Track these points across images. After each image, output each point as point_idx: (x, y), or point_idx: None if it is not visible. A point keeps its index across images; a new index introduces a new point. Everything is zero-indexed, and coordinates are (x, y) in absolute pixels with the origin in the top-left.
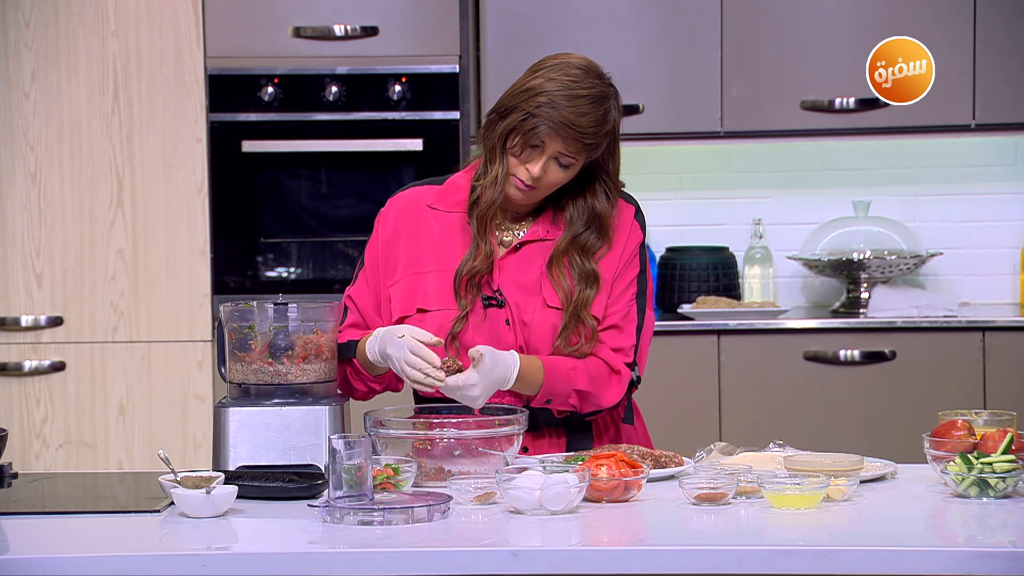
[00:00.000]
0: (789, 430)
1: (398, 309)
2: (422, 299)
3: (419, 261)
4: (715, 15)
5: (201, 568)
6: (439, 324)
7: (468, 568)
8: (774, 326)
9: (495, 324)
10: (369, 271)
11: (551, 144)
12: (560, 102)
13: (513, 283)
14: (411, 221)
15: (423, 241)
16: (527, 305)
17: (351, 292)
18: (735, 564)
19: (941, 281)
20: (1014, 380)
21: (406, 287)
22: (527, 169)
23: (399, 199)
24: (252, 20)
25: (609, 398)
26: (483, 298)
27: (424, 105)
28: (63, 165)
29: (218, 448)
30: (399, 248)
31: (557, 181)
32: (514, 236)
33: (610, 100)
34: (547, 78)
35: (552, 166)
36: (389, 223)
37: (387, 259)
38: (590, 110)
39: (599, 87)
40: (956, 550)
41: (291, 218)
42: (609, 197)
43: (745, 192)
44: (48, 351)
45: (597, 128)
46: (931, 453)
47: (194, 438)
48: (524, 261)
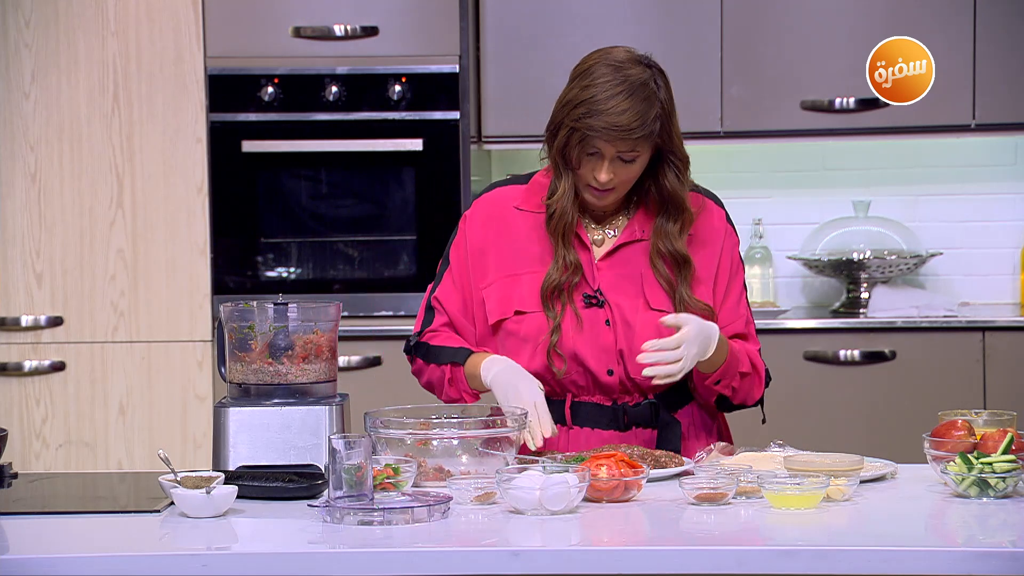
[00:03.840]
0: (789, 430)
1: (495, 312)
2: (519, 301)
3: (512, 263)
4: (715, 15)
5: (201, 568)
6: (537, 326)
7: (468, 568)
8: (774, 326)
9: (595, 325)
10: (456, 272)
11: (606, 148)
12: (598, 108)
13: (612, 284)
14: (500, 223)
15: (514, 243)
16: (628, 307)
17: (438, 294)
18: (735, 564)
19: (941, 281)
20: (1014, 380)
21: (501, 290)
22: (595, 177)
23: (485, 200)
24: (252, 20)
25: (754, 394)
26: (584, 296)
27: (424, 105)
28: (63, 165)
29: (218, 448)
30: (489, 250)
31: (631, 176)
32: (605, 236)
33: (650, 84)
34: (582, 86)
35: (618, 166)
36: (477, 225)
37: (477, 262)
38: (629, 105)
39: (634, 76)
40: (956, 550)
41: (291, 218)
42: (679, 175)
43: (745, 192)
44: (48, 351)
45: (642, 119)
46: (931, 453)
47: (194, 438)
48: (622, 262)
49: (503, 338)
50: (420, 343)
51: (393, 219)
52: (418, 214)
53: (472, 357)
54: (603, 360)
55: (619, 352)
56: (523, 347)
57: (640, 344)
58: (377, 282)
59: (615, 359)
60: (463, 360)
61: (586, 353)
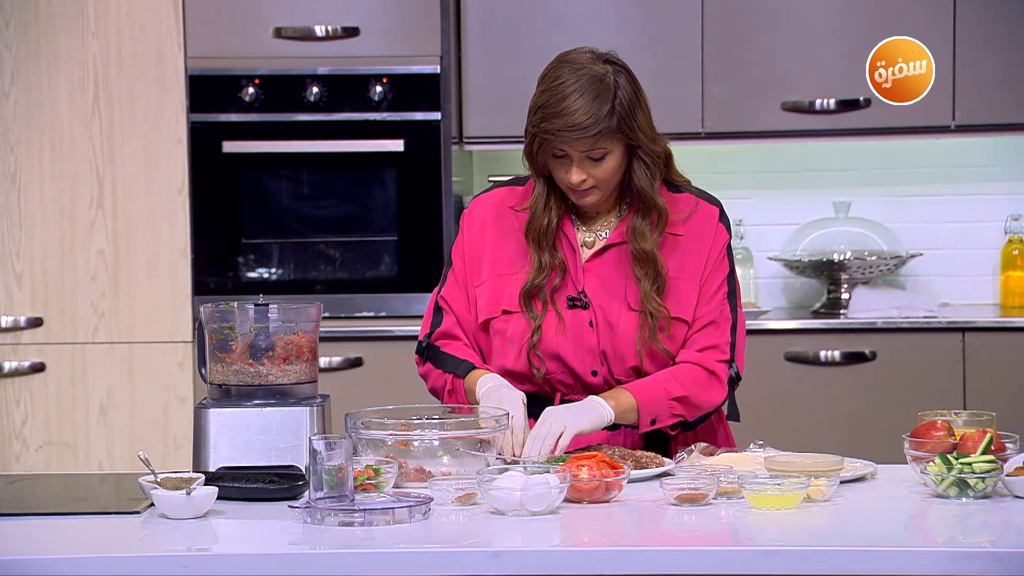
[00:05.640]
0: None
1: (484, 311)
2: (507, 301)
3: (504, 263)
4: (696, 16)
5: (182, 569)
6: (523, 326)
7: (449, 569)
8: (755, 327)
9: (578, 326)
10: (458, 271)
11: (570, 149)
12: (553, 110)
13: (598, 286)
14: (496, 222)
15: (508, 243)
16: (612, 308)
17: (444, 294)
18: (716, 565)
19: (921, 282)
20: (994, 381)
21: (491, 289)
22: (568, 178)
23: (483, 200)
24: (233, 21)
25: (713, 398)
26: (568, 298)
27: (405, 106)
28: (43, 166)
29: (199, 449)
30: (484, 250)
31: (607, 174)
32: (596, 237)
33: (607, 79)
34: (540, 91)
35: (589, 165)
36: (475, 224)
37: (473, 260)
38: (582, 104)
39: (588, 72)
40: (936, 550)
41: (272, 219)
42: (649, 171)
43: (726, 193)
44: (28, 352)
45: (595, 116)
46: (911, 454)
47: (175, 439)
48: (610, 263)
49: (492, 337)
50: (431, 345)
51: (375, 220)
52: (400, 215)
53: (472, 372)
54: (587, 361)
55: (602, 353)
56: (509, 346)
57: (623, 346)
58: (358, 283)
59: (599, 360)
60: (464, 373)
61: (569, 354)
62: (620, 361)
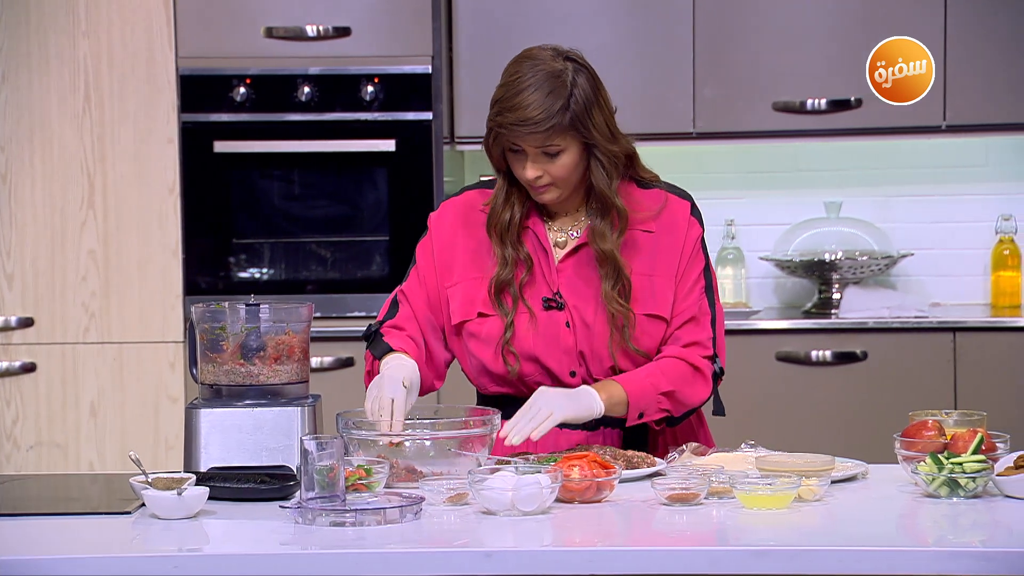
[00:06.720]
0: (761, 430)
1: (457, 313)
2: (481, 303)
3: (477, 265)
4: (687, 16)
5: (173, 569)
6: (499, 328)
7: (441, 569)
8: (746, 327)
9: (555, 327)
10: (422, 270)
11: (524, 144)
12: (507, 104)
13: (572, 286)
14: (466, 224)
15: (479, 245)
16: (587, 309)
17: (404, 288)
18: (708, 564)
19: (912, 282)
20: (984, 381)
21: (464, 291)
22: (524, 173)
23: (454, 202)
24: (224, 20)
25: (698, 394)
26: (543, 300)
27: (397, 106)
28: (34, 166)
29: (190, 449)
30: (455, 251)
31: (564, 171)
32: (568, 237)
33: (563, 76)
34: (498, 86)
35: (545, 161)
36: (445, 225)
37: (443, 261)
38: (535, 98)
39: (545, 68)
40: (927, 550)
41: (263, 219)
42: (606, 171)
43: (717, 193)
44: (19, 352)
45: (547, 111)
46: (902, 453)
47: (166, 439)
48: (583, 263)
49: (466, 339)
50: (376, 332)
51: (366, 220)
52: (391, 215)
53: (387, 354)
54: (564, 362)
55: (580, 354)
56: (485, 348)
57: (600, 346)
58: (350, 283)
59: (577, 361)
60: (381, 355)
61: (546, 355)
62: (598, 361)
